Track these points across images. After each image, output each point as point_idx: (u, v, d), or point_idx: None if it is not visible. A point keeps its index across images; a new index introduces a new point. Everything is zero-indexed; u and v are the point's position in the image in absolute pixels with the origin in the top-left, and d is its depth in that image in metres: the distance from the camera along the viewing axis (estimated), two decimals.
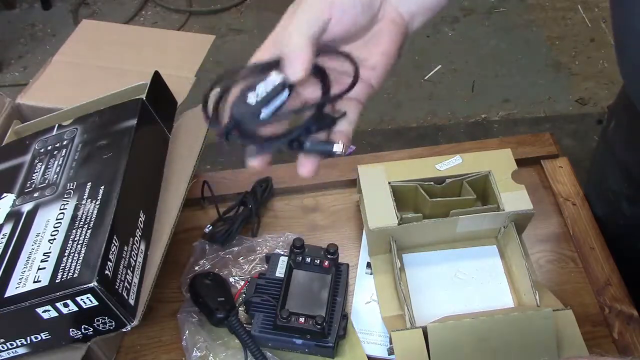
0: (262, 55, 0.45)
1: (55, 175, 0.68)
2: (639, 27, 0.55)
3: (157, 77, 0.76)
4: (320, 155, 0.45)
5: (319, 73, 0.46)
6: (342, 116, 0.46)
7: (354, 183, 0.81)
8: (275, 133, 0.44)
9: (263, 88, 0.42)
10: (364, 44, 0.48)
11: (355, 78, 0.45)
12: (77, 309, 0.56)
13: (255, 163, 0.44)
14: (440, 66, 2.22)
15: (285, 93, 0.43)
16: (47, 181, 0.68)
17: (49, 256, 0.59)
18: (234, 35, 2.42)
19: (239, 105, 0.43)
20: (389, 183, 0.74)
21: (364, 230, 0.78)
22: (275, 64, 0.44)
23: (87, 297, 0.55)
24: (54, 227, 0.61)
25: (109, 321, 0.58)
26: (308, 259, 0.70)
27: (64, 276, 0.56)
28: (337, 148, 0.44)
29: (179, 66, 0.85)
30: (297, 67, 0.42)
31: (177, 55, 0.88)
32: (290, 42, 0.43)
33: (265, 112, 0.43)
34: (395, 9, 0.48)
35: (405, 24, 0.49)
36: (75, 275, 0.56)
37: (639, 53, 0.57)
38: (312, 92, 0.46)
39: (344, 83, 0.46)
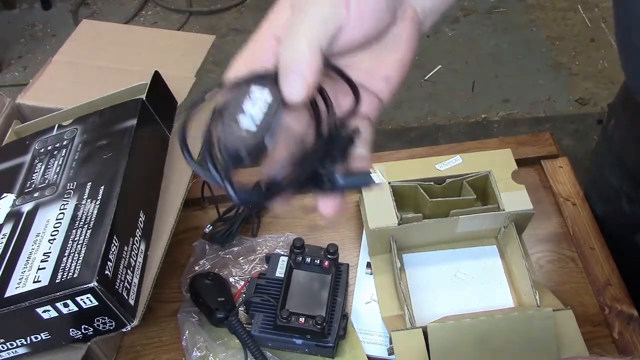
0: (239, 67, 0.37)
1: (55, 175, 0.68)
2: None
3: (157, 77, 0.76)
4: (353, 189, 0.38)
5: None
6: (357, 134, 0.37)
7: None
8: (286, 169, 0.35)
9: (256, 109, 0.34)
10: (378, 50, 0.39)
11: (355, 108, 0.37)
12: (77, 309, 0.56)
13: (282, 208, 0.36)
14: (440, 66, 2.22)
15: (281, 115, 0.34)
16: (47, 181, 0.68)
17: (49, 256, 0.59)
18: (234, 35, 2.42)
19: (231, 134, 0.33)
20: (389, 183, 0.74)
21: (364, 230, 0.78)
22: (265, 77, 0.35)
23: (87, 297, 0.55)
24: (54, 227, 0.61)
25: (109, 321, 0.58)
26: (308, 259, 0.70)
27: (64, 276, 0.56)
28: (377, 179, 0.36)
29: (179, 66, 0.85)
30: (300, 85, 0.34)
31: (177, 55, 0.88)
32: (295, 51, 0.34)
33: (269, 142, 0.34)
34: (411, 6, 0.40)
35: (420, 23, 0.41)
36: (75, 275, 0.56)
37: None
38: (296, 117, 0.37)
39: (341, 103, 0.38)
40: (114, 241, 0.59)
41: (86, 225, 0.60)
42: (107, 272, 0.57)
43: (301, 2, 0.36)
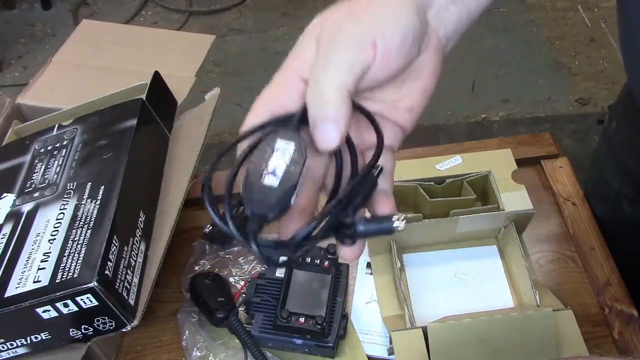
0: (262, 110, 0.35)
1: (55, 175, 0.68)
2: None
3: (157, 77, 0.76)
4: (374, 236, 0.35)
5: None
6: (380, 172, 0.36)
7: None
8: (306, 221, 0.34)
9: (281, 165, 0.32)
10: (401, 81, 0.38)
11: (379, 149, 0.36)
12: (77, 309, 0.56)
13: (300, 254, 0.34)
14: None
15: (305, 165, 0.33)
16: (47, 181, 0.68)
17: (49, 256, 0.59)
18: (234, 35, 2.42)
19: (257, 195, 0.32)
20: None
21: None
22: (289, 124, 0.34)
23: (87, 297, 0.55)
24: (54, 227, 0.61)
25: (109, 321, 0.58)
26: (308, 259, 0.70)
27: (64, 276, 0.56)
28: (399, 224, 0.34)
29: (179, 66, 0.85)
30: (333, 134, 0.33)
31: (177, 55, 0.88)
32: (324, 99, 0.33)
33: (294, 200, 0.33)
34: (435, 33, 0.39)
35: (442, 50, 0.40)
36: (75, 275, 0.56)
37: None
38: (317, 160, 0.36)
39: (365, 138, 0.37)
40: (114, 241, 0.59)
41: (86, 225, 0.60)
42: (107, 272, 0.57)
43: (327, 42, 0.35)
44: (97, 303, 0.56)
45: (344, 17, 0.36)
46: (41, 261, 0.58)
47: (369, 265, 0.76)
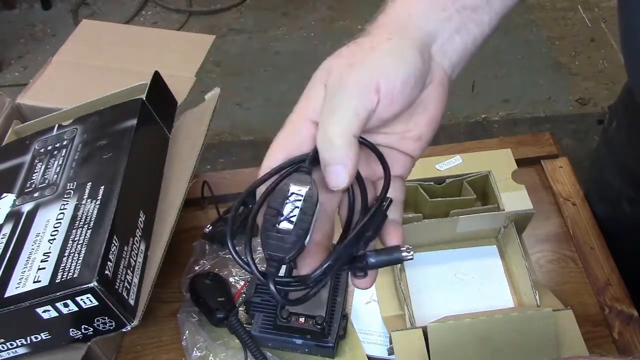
0: (277, 153, 0.38)
1: (55, 175, 0.68)
2: None
3: (157, 77, 0.76)
4: (384, 266, 0.38)
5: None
6: (389, 205, 0.39)
7: None
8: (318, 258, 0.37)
9: (293, 207, 0.35)
10: (408, 116, 0.40)
11: (386, 184, 0.38)
12: (77, 309, 0.56)
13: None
14: None
15: (318, 207, 0.36)
16: (47, 181, 0.68)
17: (49, 256, 0.59)
18: (234, 35, 2.42)
19: (273, 241, 0.35)
20: None
21: None
22: (302, 166, 0.37)
23: (87, 297, 0.55)
24: (54, 227, 0.61)
25: (109, 321, 0.58)
26: None
27: (64, 276, 0.56)
28: (408, 254, 0.37)
29: (179, 66, 0.85)
30: (343, 174, 0.36)
31: (177, 55, 0.88)
32: (332, 143, 0.36)
33: (307, 239, 0.35)
34: (440, 66, 0.41)
35: (448, 79, 0.42)
36: (75, 275, 0.56)
37: None
38: (331, 196, 0.39)
39: (375, 170, 0.40)
40: (114, 241, 0.59)
41: (86, 225, 0.60)
42: (107, 272, 0.57)
43: (333, 88, 0.37)
44: (97, 303, 0.56)
45: (347, 65, 0.38)
46: (41, 261, 0.58)
47: None
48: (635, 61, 0.60)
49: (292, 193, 0.36)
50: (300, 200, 0.35)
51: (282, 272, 0.36)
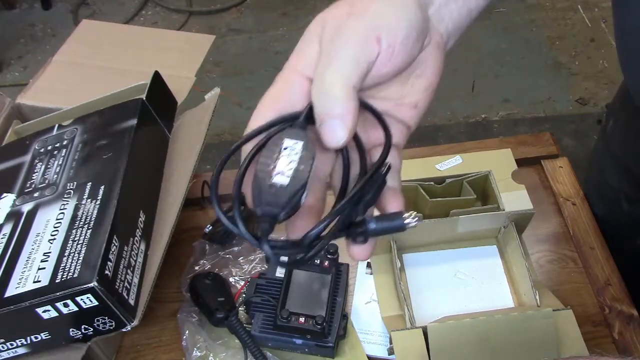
0: (266, 111, 0.35)
1: (55, 175, 0.68)
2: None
3: (157, 77, 0.76)
4: (385, 234, 0.35)
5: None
6: (389, 170, 0.36)
7: None
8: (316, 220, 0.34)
9: (290, 164, 0.32)
10: (405, 78, 0.38)
11: (387, 146, 0.35)
12: (77, 309, 0.56)
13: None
14: None
15: (313, 163, 0.33)
16: (47, 181, 0.68)
17: (49, 256, 0.59)
18: (234, 35, 2.42)
19: (266, 194, 0.32)
20: None
21: None
22: (295, 122, 0.34)
23: (87, 297, 0.55)
24: (54, 227, 0.61)
25: (109, 321, 0.58)
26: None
27: (64, 276, 0.56)
28: (411, 221, 0.34)
29: (179, 66, 0.85)
30: (341, 131, 0.33)
31: (177, 55, 0.88)
32: (330, 95, 0.33)
33: (304, 198, 0.33)
34: (437, 29, 0.39)
35: (444, 46, 0.40)
36: (75, 275, 0.56)
37: None
38: (324, 159, 0.36)
39: (371, 136, 0.37)
40: (114, 241, 0.59)
41: (86, 225, 0.60)
42: (107, 272, 0.57)
43: (330, 39, 0.35)
44: (97, 303, 0.56)
45: (346, 14, 0.35)
46: (41, 261, 0.58)
47: (369, 265, 0.76)
48: (631, 62, 0.61)
49: (287, 147, 0.33)
50: (295, 153, 0.32)
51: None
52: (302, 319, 0.65)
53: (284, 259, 0.34)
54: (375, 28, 0.34)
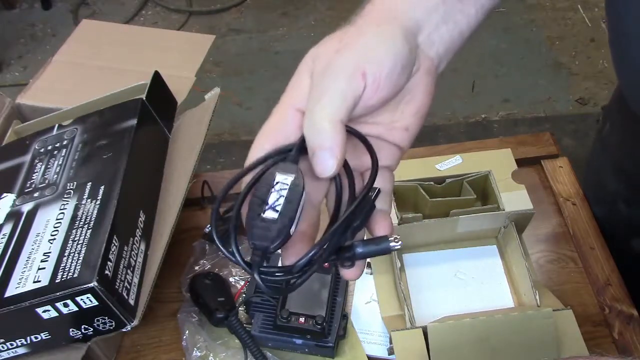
0: (264, 143, 0.37)
1: (55, 175, 0.68)
2: (635, 31, 0.55)
3: (157, 77, 0.76)
4: (372, 257, 0.37)
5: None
6: (377, 194, 0.38)
7: None
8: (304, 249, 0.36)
9: (278, 196, 0.35)
10: (395, 105, 0.39)
11: (374, 172, 0.37)
12: (77, 309, 0.56)
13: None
14: None
15: (304, 196, 0.35)
16: (47, 181, 0.68)
17: (49, 256, 0.59)
18: (234, 35, 2.42)
19: (258, 229, 0.34)
20: None
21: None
22: (289, 155, 0.37)
23: (87, 297, 0.55)
24: (54, 227, 0.61)
25: (109, 321, 0.58)
26: None
27: (64, 276, 0.56)
28: (396, 244, 0.36)
29: (179, 66, 0.85)
30: (330, 162, 0.35)
31: (177, 55, 0.88)
32: (319, 129, 0.35)
33: (294, 230, 0.35)
34: (426, 54, 0.40)
35: (435, 69, 0.41)
36: (75, 275, 0.56)
37: (637, 56, 0.57)
38: (318, 186, 0.38)
39: (363, 161, 0.38)
40: (114, 241, 0.59)
41: (86, 225, 0.60)
42: (107, 272, 0.57)
43: (320, 74, 0.37)
44: (97, 303, 0.56)
45: (334, 49, 0.38)
46: (41, 261, 0.58)
47: (369, 265, 0.76)
48: (626, 68, 0.61)
49: (278, 182, 0.35)
50: (285, 189, 0.35)
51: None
52: (302, 319, 0.65)
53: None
54: (360, 63, 0.36)
